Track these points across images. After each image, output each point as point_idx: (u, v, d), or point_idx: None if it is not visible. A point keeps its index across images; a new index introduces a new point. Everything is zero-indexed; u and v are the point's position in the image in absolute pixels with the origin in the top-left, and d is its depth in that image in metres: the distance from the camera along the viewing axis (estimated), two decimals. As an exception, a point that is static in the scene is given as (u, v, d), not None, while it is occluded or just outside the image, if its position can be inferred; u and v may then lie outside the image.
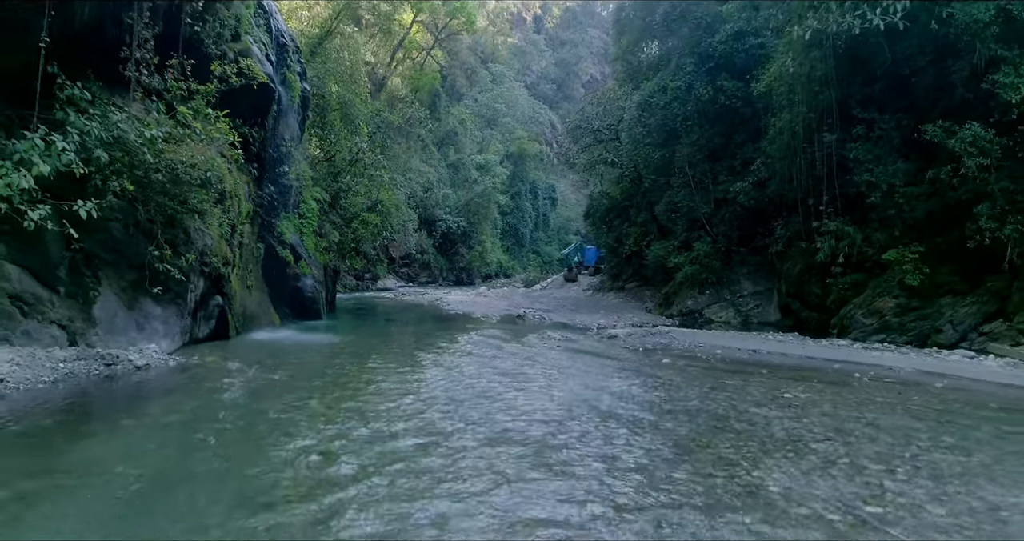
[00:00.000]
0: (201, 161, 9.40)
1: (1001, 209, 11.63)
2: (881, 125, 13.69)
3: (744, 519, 3.96)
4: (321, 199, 17.23)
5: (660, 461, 5.18)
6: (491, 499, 4.21)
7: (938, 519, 4.07)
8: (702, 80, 17.61)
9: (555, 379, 8.77)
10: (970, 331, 12.71)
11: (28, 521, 3.85)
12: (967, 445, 5.81)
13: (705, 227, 18.82)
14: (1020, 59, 11.17)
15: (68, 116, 8.00)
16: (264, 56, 12.19)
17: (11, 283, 8.05)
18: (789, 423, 6.51)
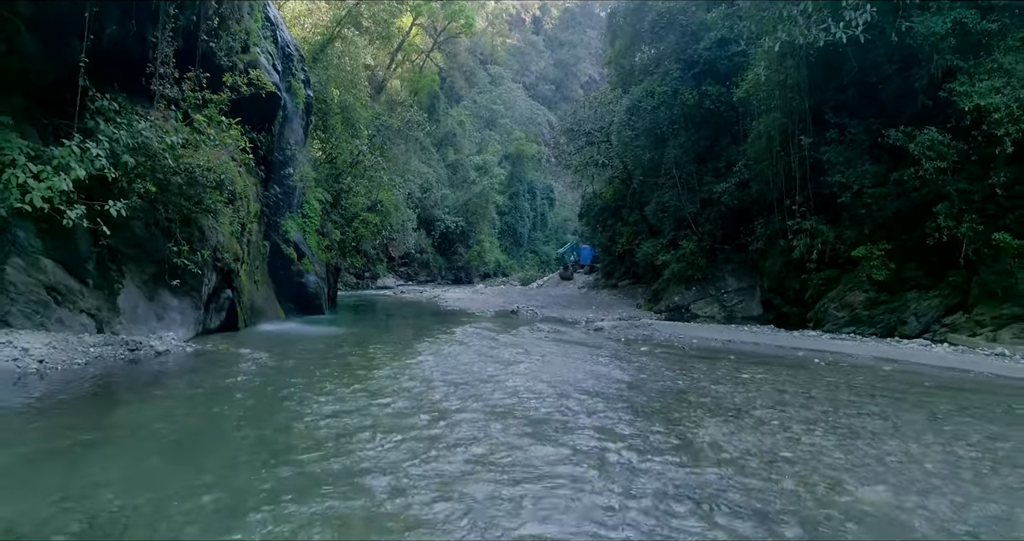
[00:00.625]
0: (216, 165, 10.36)
1: (959, 209, 12.56)
2: (852, 129, 14.62)
3: (671, 459, 4.91)
4: (323, 199, 18.19)
5: (618, 422, 6.11)
6: (484, 452, 5.15)
7: (836, 461, 5.00)
8: (688, 85, 18.55)
9: (540, 364, 9.70)
10: (933, 323, 13.65)
11: (91, 459, 4.80)
12: (887, 412, 6.74)
13: (691, 226, 19.76)
14: (974, 69, 12.09)
15: (98, 125, 8.96)
16: (271, 66, 13.16)
17: (47, 275, 9.01)
18: (739, 396, 7.45)
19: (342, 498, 3.97)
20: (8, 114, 8.41)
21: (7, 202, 7.85)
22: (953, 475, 4.71)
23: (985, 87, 11.60)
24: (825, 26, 11.92)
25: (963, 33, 12.25)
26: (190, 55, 10.16)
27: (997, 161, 11.81)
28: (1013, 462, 5.09)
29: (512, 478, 4.40)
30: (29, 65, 8.48)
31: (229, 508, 3.80)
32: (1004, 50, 11.88)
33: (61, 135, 9.03)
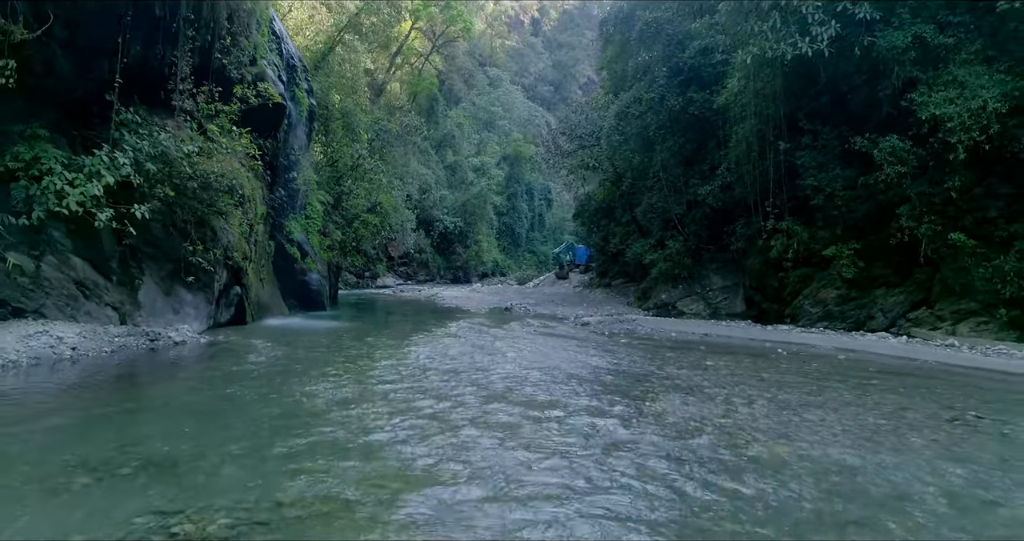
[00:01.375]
0: (228, 171, 11.37)
1: (919, 211, 13.54)
2: (824, 136, 15.59)
3: (623, 423, 5.91)
4: (325, 201, 19.21)
5: (585, 397, 7.11)
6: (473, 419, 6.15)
7: (759, 425, 5.98)
8: (674, 92, 19.53)
9: (526, 353, 10.70)
10: (899, 318, 14.62)
11: (135, 421, 5.80)
12: (825, 392, 7.72)
13: (677, 226, 20.74)
14: (932, 80, 13.07)
15: (123, 136, 9.99)
16: (277, 77, 14.17)
17: (77, 272, 10.03)
18: (697, 379, 8.44)
19: (345, 453, 4.98)
20: (44, 127, 9.45)
21: (44, 206, 8.89)
22: (854, 436, 5.70)
23: (941, 98, 12.57)
24: (792, 41, 12.91)
25: (923, 47, 13.23)
26: (204, 70, 11.17)
27: (952, 167, 12.79)
28: (912, 426, 6.07)
29: (499, 437, 5.40)
30: (63, 83, 9.49)
31: (254, 453, 4.80)
32: (959, 63, 12.86)
33: (88, 145, 10.07)
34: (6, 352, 8.29)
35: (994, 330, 13.03)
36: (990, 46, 12.92)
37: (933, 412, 6.71)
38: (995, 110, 11.88)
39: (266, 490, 3.98)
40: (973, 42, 12.99)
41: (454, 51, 46.27)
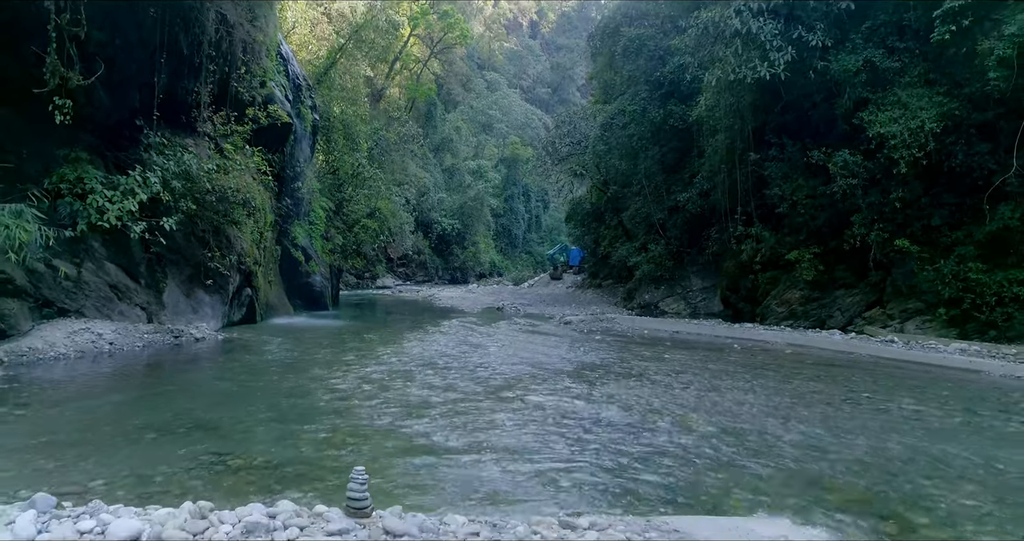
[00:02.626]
0: (242, 186, 12.86)
1: (870, 219, 14.98)
2: (789, 149, 17.01)
3: (576, 401, 7.38)
4: (327, 207, 20.69)
5: (551, 382, 8.57)
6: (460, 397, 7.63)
7: (686, 403, 7.43)
8: (655, 104, 20.97)
9: (506, 348, 12.17)
10: (855, 316, 16.06)
11: (176, 399, 7.27)
12: (757, 379, 9.15)
13: (659, 231, 22.19)
14: (880, 100, 14.50)
15: (152, 157, 11.48)
16: (284, 97, 15.65)
17: (111, 276, 11.51)
18: (652, 368, 9.89)
19: (358, 417, 6.46)
20: (84, 150, 10.94)
21: (87, 219, 10.38)
22: (758, 411, 7.15)
23: (886, 117, 14.00)
24: (752, 66, 14.35)
25: (872, 70, 14.67)
26: (221, 95, 12.66)
27: (897, 180, 14.22)
28: (809, 404, 7.51)
29: (478, 407, 6.87)
30: (100, 112, 10.96)
31: (278, 420, 6.27)
32: (903, 86, 14.29)
33: (121, 165, 11.56)
34: (57, 346, 9.78)
35: (936, 327, 14.48)
36: (932, 70, 14.34)
37: (836, 394, 8.16)
38: (931, 130, 13.32)
39: (291, 442, 5.46)
40: (917, 66, 14.43)
41: (452, 56, 47.76)
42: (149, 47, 10.70)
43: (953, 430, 6.40)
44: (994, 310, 13.40)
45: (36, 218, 9.39)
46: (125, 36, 10.23)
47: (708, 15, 15.35)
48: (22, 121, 10.20)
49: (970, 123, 13.84)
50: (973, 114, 13.84)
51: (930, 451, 5.54)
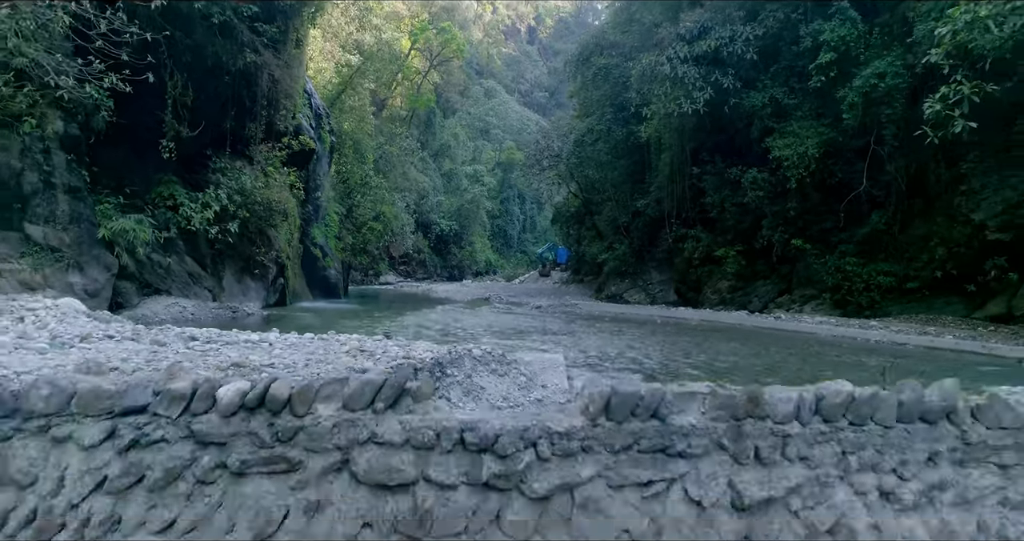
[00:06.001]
0: (281, 198, 17.39)
1: (775, 223, 19.39)
2: (719, 165, 21.41)
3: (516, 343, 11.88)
4: (339, 212, 25.19)
5: (505, 331, 13.03)
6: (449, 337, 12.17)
7: (584, 345, 11.89)
8: (619, 124, 25.38)
9: (482, 319, 16.65)
10: (769, 301, 20.46)
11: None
12: (651, 335, 13.58)
13: (624, 232, 26.62)
14: (781, 130, 18.88)
15: (219, 178, 16.00)
16: (308, 125, 20.18)
17: (189, 266, 16.03)
18: (578, 331, 14.34)
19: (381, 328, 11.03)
20: (173, 174, 15.49)
21: (177, 225, 14.93)
22: (626, 345, 11.59)
23: (782, 143, 18.39)
24: (679, 102, 18.77)
25: (776, 104, 19.07)
26: (268, 129, 17.20)
27: (791, 193, 18.63)
28: (677, 344, 11.94)
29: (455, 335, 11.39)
30: (182, 146, 15.50)
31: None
32: (798, 118, 18.69)
33: (195, 184, 16.08)
34: (159, 314, 14.30)
35: (825, 308, 18.87)
36: (820, 106, 18.72)
37: (700, 341, 12.60)
38: (813, 154, 17.71)
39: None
40: (809, 103, 18.80)
41: (450, 67, 52.14)
42: (221, 100, 15.26)
43: (756, 356, 10.87)
44: (862, 294, 17.80)
45: (151, 224, 13.95)
46: (206, 94, 14.78)
47: (647, 60, 19.79)
48: (135, 156, 14.76)
49: (848, 148, 18.22)
50: (851, 141, 18.22)
51: (737, 362, 10.03)
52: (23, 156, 12.34)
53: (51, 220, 12.80)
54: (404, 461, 2.50)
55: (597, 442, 2.54)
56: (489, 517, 2.49)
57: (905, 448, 2.60)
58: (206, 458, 2.48)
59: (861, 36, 17.18)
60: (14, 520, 2.39)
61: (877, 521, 2.52)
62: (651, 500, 2.53)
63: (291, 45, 17.30)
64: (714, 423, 2.59)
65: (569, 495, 2.53)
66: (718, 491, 2.53)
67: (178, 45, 13.58)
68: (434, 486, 2.50)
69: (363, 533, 2.45)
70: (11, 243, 12.49)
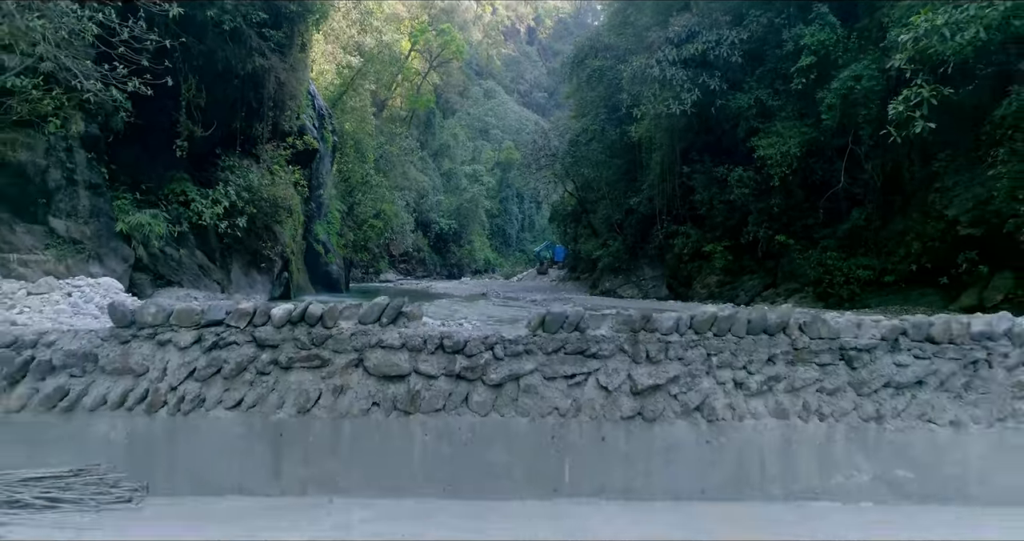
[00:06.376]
0: (286, 195, 18.56)
1: (761, 219, 20.50)
2: (707, 164, 22.53)
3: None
4: (341, 209, 26.34)
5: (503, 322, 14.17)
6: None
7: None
8: (612, 125, 26.50)
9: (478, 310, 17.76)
10: (755, 296, 21.52)
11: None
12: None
13: (618, 229, 27.73)
14: (765, 130, 19.99)
15: (228, 176, 17.16)
16: (312, 125, 21.34)
17: (199, 259, 17.17)
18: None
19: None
20: (184, 172, 16.66)
21: (188, 219, 16.09)
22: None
23: (766, 143, 19.49)
24: (667, 104, 19.91)
25: (761, 105, 20.18)
26: (273, 129, 18.38)
27: (775, 190, 19.74)
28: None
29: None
30: (193, 145, 16.66)
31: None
32: (781, 119, 19.80)
33: (204, 182, 17.24)
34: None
35: (808, 301, 19.89)
36: (803, 107, 19.84)
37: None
38: (795, 153, 18.83)
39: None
40: (792, 104, 19.91)
41: (449, 68, 53.34)
42: (230, 101, 16.43)
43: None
44: (843, 287, 18.88)
45: (164, 218, 15.12)
46: (217, 96, 15.95)
47: (638, 62, 20.94)
48: (149, 155, 15.92)
49: (829, 147, 19.33)
50: (833, 141, 19.32)
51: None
52: (48, 154, 13.52)
53: (73, 214, 13.97)
54: (401, 359, 3.59)
55: (536, 346, 3.63)
56: (460, 398, 3.58)
57: (752, 352, 3.67)
58: (264, 356, 3.57)
59: (840, 40, 18.29)
60: (132, 398, 3.50)
61: (731, 401, 3.60)
62: (574, 387, 3.61)
63: (296, 49, 18.46)
64: (618, 334, 3.68)
65: (516, 383, 3.61)
66: (620, 380, 3.61)
67: (191, 50, 14.71)
68: (422, 376, 3.59)
69: (372, 409, 3.54)
70: (36, 235, 13.68)
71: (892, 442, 3.56)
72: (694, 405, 3.57)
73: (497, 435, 3.53)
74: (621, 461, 3.53)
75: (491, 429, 3.53)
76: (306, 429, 3.50)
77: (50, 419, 3.47)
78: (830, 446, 3.56)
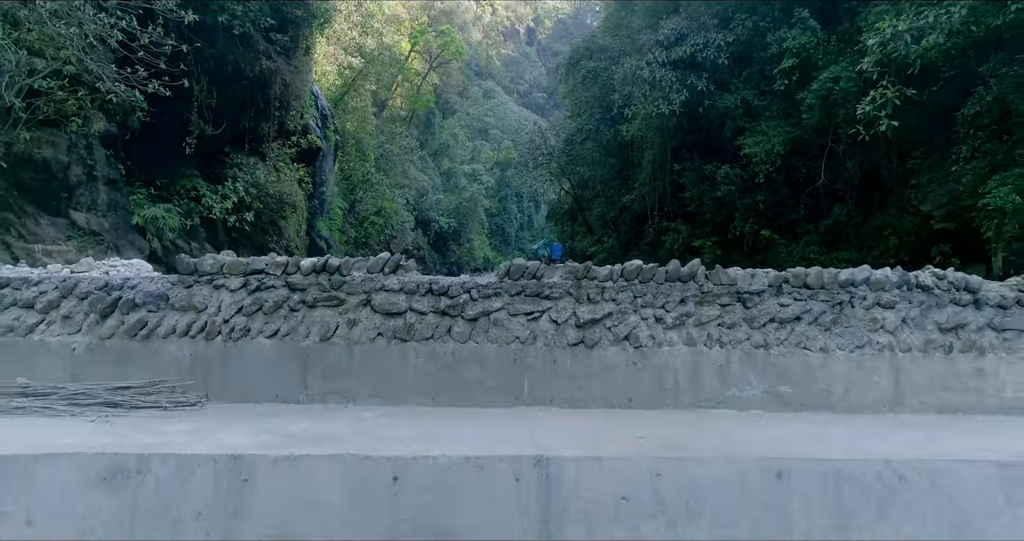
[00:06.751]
0: (291, 191, 19.80)
1: (747, 215, 21.67)
2: (697, 162, 23.72)
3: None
4: (343, 206, 27.55)
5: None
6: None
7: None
8: (606, 125, 27.69)
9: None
10: (743, 289, 22.69)
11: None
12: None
13: (612, 226, 28.92)
14: (751, 129, 21.18)
15: (236, 172, 18.41)
16: (315, 124, 22.59)
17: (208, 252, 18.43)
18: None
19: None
20: (195, 168, 17.91)
21: (199, 214, 17.33)
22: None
23: (752, 141, 20.67)
24: (657, 104, 21.11)
25: (747, 106, 21.38)
26: (279, 128, 19.63)
27: (760, 187, 20.92)
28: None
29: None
30: (203, 143, 17.91)
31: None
32: (767, 118, 20.99)
33: (213, 178, 18.49)
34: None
35: (792, 295, 21.10)
36: (787, 107, 21.02)
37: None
38: (778, 151, 20.00)
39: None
40: (776, 104, 21.10)
41: (449, 69, 54.63)
42: (239, 102, 17.70)
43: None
44: (824, 280, 20.02)
45: (177, 213, 16.36)
46: (226, 97, 17.21)
47: (628, 64, 22.16)
48: (161, 152, 17.18)
49: (812, 146, 20.50)
50: (816, 139, 20.48)
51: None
52: (70, 151, 14.81)
53: (92, 208, 15.25)
54: (399, 300, 4.74)
55: (503, 290, 4.78)
56: (444, 329, 4.72)
57: (669, 294, 4.82)
58: (294, 296, 4.73)
59: (820, 43, 19.49)
60: (195, 328, 4.67)
61: (652, 333, 4.74)
62: (531, 321, 4.75)
63: (301, 52, 19.74)
64: (566, 281, 4.82)
65: (487, 318, 4.76)
66: (567, 316, 4.74)
67: (203, 54, 15.99)
68: (415, 312, 4.74)
69: (377, 338, 4.70)
70: (59, 227, 14.98)
71: (775, 364, 4.73)
72: (623, 335, 4.73)
73: (472, 358, 4.70)
74: (567, 378, 4.70)
75: (468, 353, 4.70)
76: (326, 353, 4.69)
77: (133, 344, 4.66)
78: (728, 367, 4.72)
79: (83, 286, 4.70)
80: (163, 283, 4.77)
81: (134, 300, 4.71)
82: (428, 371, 4.68)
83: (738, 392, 4.70)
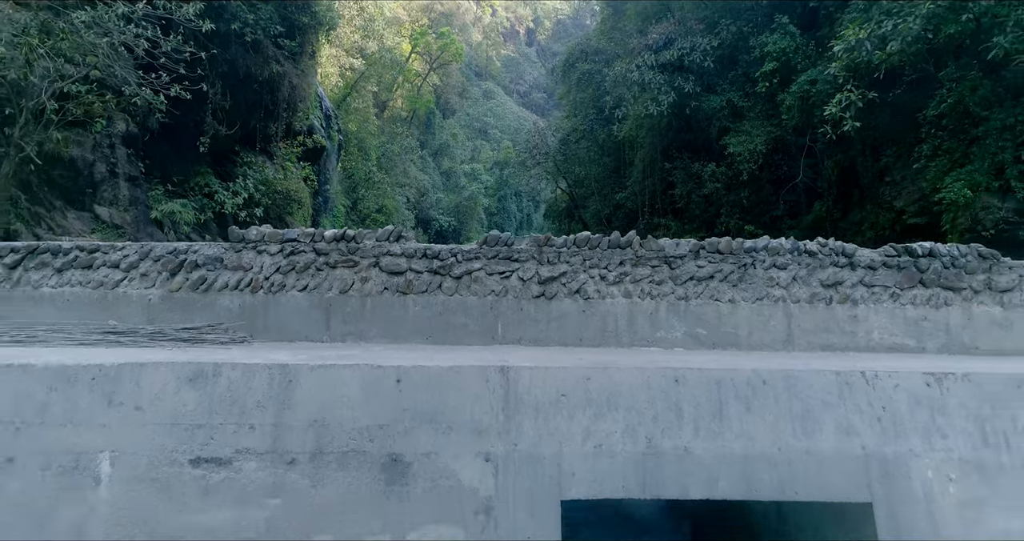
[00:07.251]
0: (296, 188, 21.34)
1: (733, 211, 23.16)
2: (686, 160, 25.23)
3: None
4: (345, 204, 29.10)
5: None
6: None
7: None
8: (600, 125, 29.22)
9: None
10: (729, 283, 24.18)
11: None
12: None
13: (606, 223, 30.39)
14: (736, 129, 22.69)
15: (246, 170, 19.96)
16: (320, 125, 24.16)
17: (220, 245, 19.98)
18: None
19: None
20: (207, 166, 19.46)
21: (211, 209, 18.88)
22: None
23: (736, 141, 22.18)
24: (646, 105, 22.63)
25: (732, 107, 22.90)
26: (284, 128, 21.19)
27: (744, 185, 22.41)
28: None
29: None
30: (215, 142, 19.48)
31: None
32: (750, 119, 22.51)
33: (224, 176, 20.03)
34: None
35: (775, 287, 22.58)
36: (770, 108, 22.52)
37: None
38: (760, 150, 21.50)
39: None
40: (760, 105, 22.62)
41: (449, 70, 56.29)
42: (249, 104, 19.27)
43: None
44: (804, 273, 21.49)
45: (192, 208, 17.91)
46: (237, 100, 18.78)
47: (619, 67, 23.70)
48: (176, 151, 18.74)
49: (794, 145, 22.00)
50: (798, 139, 21.98)
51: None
52: (94, 150, 16.41)
53: (114, 203, 16.83)
54: (401, 261, 6.23)
55: (482, 254, 6.29)
56: (436, 284, 6.23)
57: (611, 258, 6.30)
58: (320, 259, 6.24)
59: (799, 48, 21.02)
60: (243, 284, 6.18)
61: (598, 288, 6.20)
62: (504, 278, 6.28)
63: (307, 56, 21.32)
64: (531, 248, 6.30)
65: (470, 276, 6.27)
66: (531, 274, 6.24)
67: (217, 59, 17.58)
68: (414, 271, 6.25)
69: (384, 291, 6.19)
70: (84, 221, 16.59)
71: (694, 312, 6.21)
72: (575, 289, 6.22)
73: (458, 307, 6.21)
74: (532, 322, 6.19)
75: (455, 303, 6.21)
76: (345, 303, 6.20)
77: (195, 296, 6.17)
78: (657, 314, 6.21)
79: (157, 250, 6.21)
80: (218, 248, 6.29)
81: (196, 261, 6.22)
82: (424, 317, 6.18)
83: (665, 334, 6.19)
